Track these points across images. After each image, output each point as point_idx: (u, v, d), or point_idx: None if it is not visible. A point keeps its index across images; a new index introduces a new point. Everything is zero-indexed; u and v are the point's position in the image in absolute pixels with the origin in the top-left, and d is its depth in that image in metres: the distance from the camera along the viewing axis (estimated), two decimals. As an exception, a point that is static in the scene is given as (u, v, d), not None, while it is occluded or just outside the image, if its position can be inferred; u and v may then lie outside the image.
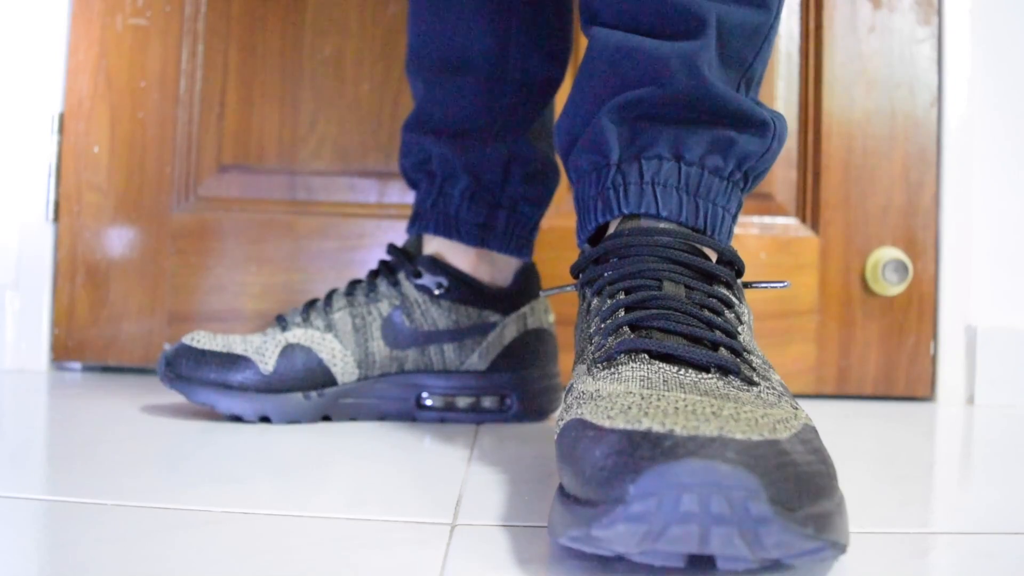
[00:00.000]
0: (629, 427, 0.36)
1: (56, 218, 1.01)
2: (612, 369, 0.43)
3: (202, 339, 0.72)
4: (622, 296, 0.48)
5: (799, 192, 1.02)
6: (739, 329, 0.47)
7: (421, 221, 0.78)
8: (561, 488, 0.40)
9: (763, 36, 0.54)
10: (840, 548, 0.34)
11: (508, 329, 0.77)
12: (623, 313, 0.47)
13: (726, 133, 0.53)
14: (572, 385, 0.47)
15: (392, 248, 0.78)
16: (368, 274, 0.78)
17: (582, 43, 0.60)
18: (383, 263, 0.78)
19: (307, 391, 0.72)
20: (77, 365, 1.02)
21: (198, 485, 0.51)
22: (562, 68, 0.79)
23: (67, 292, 1.01)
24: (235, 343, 0.72)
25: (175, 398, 0.79)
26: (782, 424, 0.37)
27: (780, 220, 1.01)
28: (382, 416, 0.75)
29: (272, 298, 1.01)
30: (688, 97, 0.52)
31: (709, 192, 0.53)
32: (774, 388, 0.43)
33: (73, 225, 1.01)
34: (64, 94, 1.01)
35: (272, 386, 0.71)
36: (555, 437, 0.44)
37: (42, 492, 0.48)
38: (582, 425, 0.39)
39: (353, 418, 0.74)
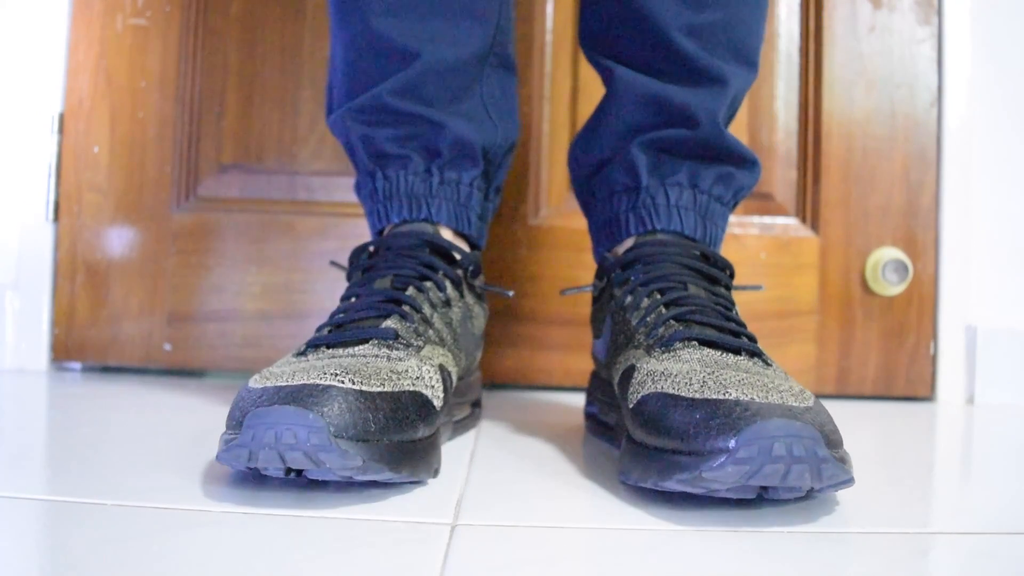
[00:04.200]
0: (718, 397, 0.46)
1: (56, 218, 1.01)
2: (671, 352, 0.53)
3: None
4: (658, 296, 0.58)
5: (799, 192, 1.02)
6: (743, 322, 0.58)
7: (426, 207, 0.66)
8: (644, 446, 0.49)
9: (749, 88, 0.68)
10: (853, 481, 0.46)
11: (486, 327, 0.74)
12: (664, 309, 0.57)
13: (728, 169, 0.66)
14: (633, 366, 0.55)
15: (440, 242, 0.64)
16: (413, 270, 0.62)
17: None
18: (426, 259, 0.63)
19: (452, 420, 0.60)
20: (77, 365, 1.02)
21: (198, 485, 0.51)
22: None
23: (67, 292, 1.01)
24: (367, 375, 0.49)
25: (175, 398, 0.78)
26: (805, 394, 0.47)
27: (780, 220, 1.01)
28: (450, 436, 0.65)
29: (272, 298, 1.01)
30: (707, 141, 0.64)
31: (713, 215, 0.66)
32: (779, 368, 0.53)
33: (73, 225, 1.01)
34: (64, 94, 1.01)
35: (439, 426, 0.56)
36: (630, 407, 0.52)
37: (42, 492, 0.48)
38: (669, 397, 0.48)
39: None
